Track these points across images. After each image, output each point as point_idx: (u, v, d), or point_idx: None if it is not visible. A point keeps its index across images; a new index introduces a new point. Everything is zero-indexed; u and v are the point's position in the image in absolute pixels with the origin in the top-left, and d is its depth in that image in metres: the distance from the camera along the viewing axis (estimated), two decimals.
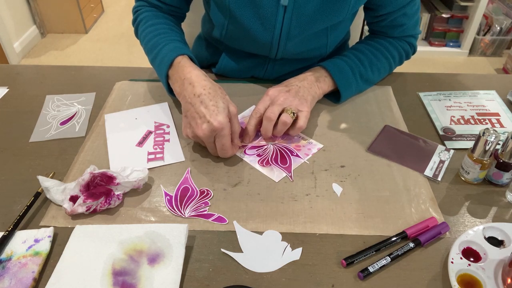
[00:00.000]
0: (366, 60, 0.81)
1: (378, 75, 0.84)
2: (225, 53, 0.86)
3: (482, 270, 0.51)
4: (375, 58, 0.82)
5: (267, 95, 0.71)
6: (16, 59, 2.65)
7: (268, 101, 0.71)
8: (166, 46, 0.74)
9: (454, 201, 0.62)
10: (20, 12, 2.75)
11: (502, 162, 0.61)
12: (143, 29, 0.80)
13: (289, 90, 0.72)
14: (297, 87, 0.73)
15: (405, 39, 0.85)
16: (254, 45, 0.79)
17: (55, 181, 0.61)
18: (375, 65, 0.82)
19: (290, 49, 0.78)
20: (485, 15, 2.71)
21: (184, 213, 0.60)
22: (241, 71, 0.87)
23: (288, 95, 0.71)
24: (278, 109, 0.69)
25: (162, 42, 0.75)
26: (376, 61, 0.82)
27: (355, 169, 0.67)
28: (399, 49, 0.85)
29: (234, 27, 0.77)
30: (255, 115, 0.70)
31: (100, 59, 2.76)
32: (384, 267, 0.52)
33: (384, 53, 0.83)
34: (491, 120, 0.77)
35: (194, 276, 0.52)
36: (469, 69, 2.69)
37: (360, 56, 0.81)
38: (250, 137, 0.70)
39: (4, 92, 0.85)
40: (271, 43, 0.77)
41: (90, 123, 0.76)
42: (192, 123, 0.64)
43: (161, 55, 0.73)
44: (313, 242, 0.56)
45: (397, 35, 0.84)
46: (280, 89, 0.72)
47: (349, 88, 0.79)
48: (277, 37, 0.75)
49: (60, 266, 0.51)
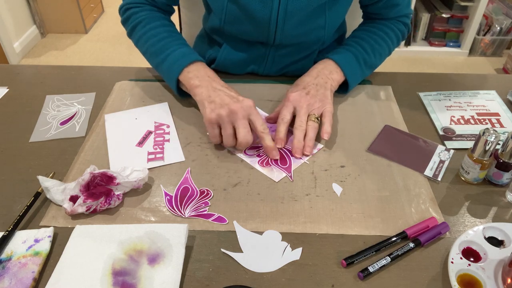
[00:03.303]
0: (369, 47, 0.83)
1: (379, 60, 0.86)
2: (226, 44, 0.86)
3: (482, 270, 0.51)
4: (376, 44, 0.84)
5: (288, 101, 0.72)
6: (16, 59, 2.65)
7: (291, 106, 0.72)
8: (177, 50, 0.77)
9: (454, 201, 0.62)
10: (20, 12, 2.75)
11: (502, 162, 0.61)
12: (143, 31, 0.81)
13: (308, 92, 0.73)
14: (315, 85, 0.75)
15: (399, 20, 0.87)
16: (253, 27, 0.80)
17: (55, 181, 0.61)
18: (377, 50, 0.84)
19: (289, 30, 0.79)
20: (485, 15, 2.71)
21: (184, 213, 0.60)
22: (241, 63, 0.87)
23: (309, 98, 0.72)
24: (305, 117, 0.71)
25: (171, 46, 0.78)
26: (378, 46, 0.84)
27: (355, 169, 0.67)
28: (396, 31, 0.87)
29: (233, 7, 0.78)
30: (282, 121, 0.71)
31: (100, 59, 2.76)
32: (384, 267, 0.52)
33: (383, 37, 0.85)
34: (491, 120, 0.77)
35: (194, 276, 0.52)
36: (469, 69, 2.69)
37: (362, 43, 0.83)
38: (282, 140, 0.70)
39: (4, 92, 0.85)
40: (269, 21, 0.77)
41: (90, 123, 0.76)
42: (226, 102, 0.67)
43: (172, 59, 0.76)
44: (313, 242, 0.56)
45: (393, 15, 0.86)
46: (299, 93, 0.73)
47: (356, 76, 0.82)
48: (275, 14, 0.76)
49: (60, 266, 0.51)
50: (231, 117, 0.66)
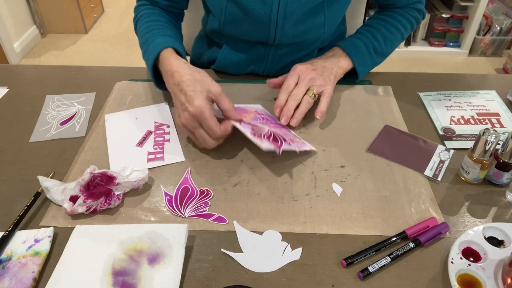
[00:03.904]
0: (380, 34, 0.84)
1: (391, 47, 0.87)
2: (225, 45, 0.86)
3: (482, 270, 0.51)
4: (388, 31, 0.85)
5: (295, 70, 0.75)
6: (16, 59, 2.65)
7: (296, 76, 0.74)
8: (155, 41, 0.75)
9: (454, 201, 0.62)
10: (20, 12, 2.75)
11: (502, 162, 0.61)
12: (140, 25, 0.82)
13: (315, 68, 0.76)
14: (322, 67, 0.77)
15: (412, 6, 0.88)
16: (253, 26, 0.80)
17: (55, 181, 0.61)
18: (388, 38, 0.85)
19: (289, 29, 0.79)
20: (485, 15, 2.71)
21: (184, 213, 0.60)
22: (241, 64, 0.87)
23: (314, 74, 0.75)
24: (304, 89, 0.73)
25: (152, 37, 0.77)
26: (389, 34, 0.85)
27: (355, 169, 0.67)
28: (409, 18, 0.87)
29: (233, 7, 0.78)
30: (285, 89, 0.73)
31: (100, 59, 2.76)
32: (384, 267, 0.52)
33: (395, 25, 0.86)
34: (491, 120, 0.77)
35: (194, 276, 0.52)
36: (469, 69, 2.69)
37: (372, 31, 0.84)
38: (281, 107, 0.71)
39: (4, 92, 0.85)
40: (269, 20, 0.77)
41: (90, 123, 0.76)
42: (177, 113, 0.67)
43: (149, 50, 0.75)
44: (313, 242, 0.56)
45: (404, 3, 0.87)
46: (307, 66, 0.76)
47: (365, 64, 0.83)
48: (275, 13, 0.76)
49: (60, 266, 0.51)
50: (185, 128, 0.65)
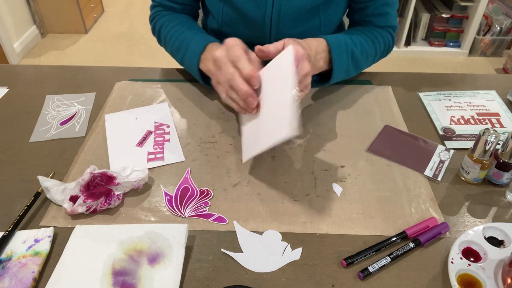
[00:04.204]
0: (357, 40, 0.79)
1: (365, 59, 0.82)
2: None
3: (482, 270, 0.51)
4: (364, 41, 0.80)
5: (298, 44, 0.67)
6: (16, 59, 2.65)
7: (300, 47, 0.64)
8: (195, 37, 0.76)
9: (454, 201, 0.62)
10: (20, 12, 2.75)
11: (502, 162, 0.61)
12: (165, 33, 0.82)
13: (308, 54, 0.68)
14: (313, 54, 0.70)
15: (388, 30, 0.85)
16: (249, 29, 0.80)
17: (55, 181, 0.61)
18: (364, 47, 0.80)
19: (284, 32, 0.79)
20: (485, 15, 2.71)
21: (184, 213, 0.60)
22: None
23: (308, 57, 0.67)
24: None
25: (189, 37, 0.77)
26: (365, 44, 0.80)
27: (355, 169, 0.67)
28: (384, 38, 0.84)
29: (229, 9, 0.79)
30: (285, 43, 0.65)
31: (100, 59, 2.76)
32: (384, 267, 0.52)
33: (371, 38, 0.82)
34: (491, 120, 0.77)
35: (194, 276, 0.52)
36: (469, 69, 2.69)
37: (352, 37, 0.79)
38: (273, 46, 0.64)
39: (4, 92, 0.85)
40: (264, 21, 0.77)
41: (90, 123, 0.76)
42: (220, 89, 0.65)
43: (192, 47, 0.75)
44: (313, 242, 0.56)
45: (382, 24, 0.84)
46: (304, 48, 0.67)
47: (341, 64, 0.76)
48: (269, 14, 0.76)
49: (60, 266, 0.51)
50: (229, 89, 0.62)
